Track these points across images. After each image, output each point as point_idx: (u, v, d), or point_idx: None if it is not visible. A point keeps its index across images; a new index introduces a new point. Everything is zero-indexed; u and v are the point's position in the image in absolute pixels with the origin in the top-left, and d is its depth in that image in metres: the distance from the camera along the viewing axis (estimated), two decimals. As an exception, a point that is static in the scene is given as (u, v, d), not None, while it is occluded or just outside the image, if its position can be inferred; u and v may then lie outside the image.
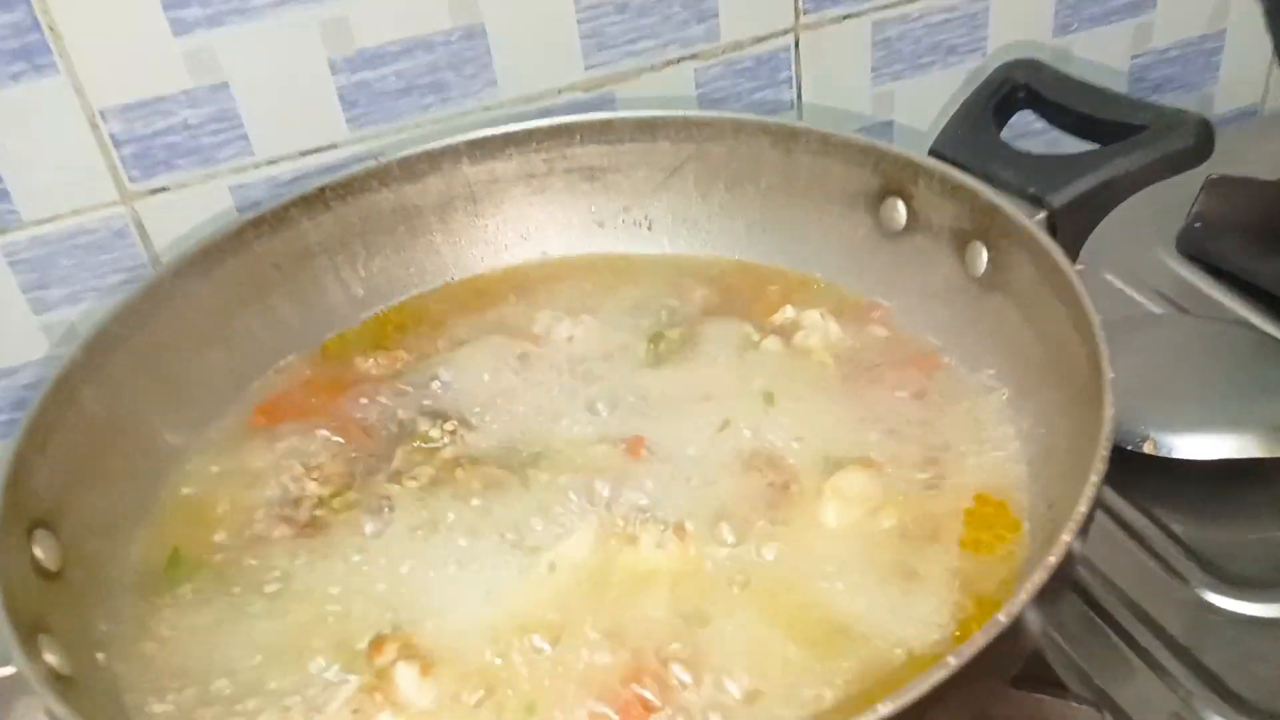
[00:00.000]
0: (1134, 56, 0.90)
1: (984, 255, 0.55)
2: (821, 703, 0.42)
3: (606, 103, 0.76)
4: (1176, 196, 0.77)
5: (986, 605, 0.45)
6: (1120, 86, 0.90)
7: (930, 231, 0.58)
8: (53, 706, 0.37)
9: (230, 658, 0.46)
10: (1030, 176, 0.55)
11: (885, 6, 0.82)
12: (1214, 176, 0.77)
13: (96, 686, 0.42)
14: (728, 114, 0.66)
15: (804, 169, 0.63)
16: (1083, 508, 0.38)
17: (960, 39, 0.85)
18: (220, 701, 0.45)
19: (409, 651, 0.44)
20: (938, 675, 0.35)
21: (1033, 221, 0.53)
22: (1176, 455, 0.58)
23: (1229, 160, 0.72)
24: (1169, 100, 0.87)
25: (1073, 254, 0.56)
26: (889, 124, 0.84)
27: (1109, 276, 0.73)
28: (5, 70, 0.61)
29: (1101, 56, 0.90)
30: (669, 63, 0.76)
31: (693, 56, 0.77)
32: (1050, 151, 0.60)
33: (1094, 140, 0.58)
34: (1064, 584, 0.39)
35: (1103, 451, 0.40)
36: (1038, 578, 0.37)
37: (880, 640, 0.44)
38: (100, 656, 0.45)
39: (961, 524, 0.49)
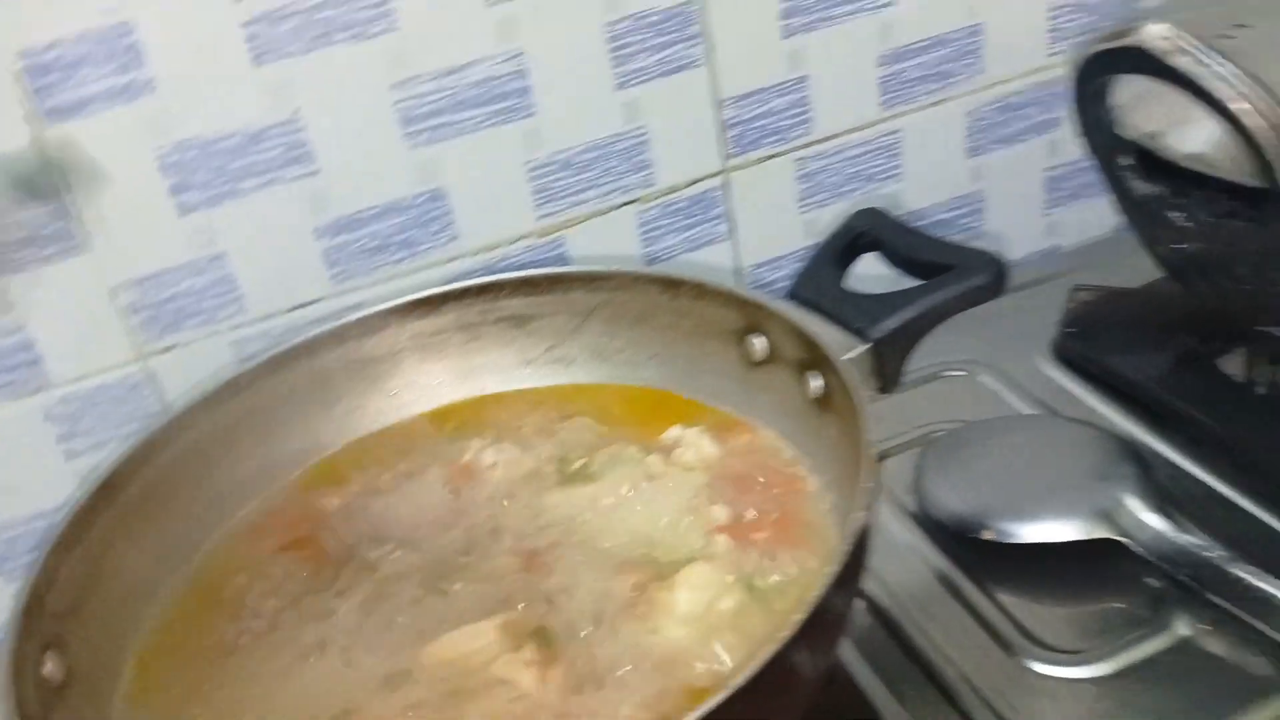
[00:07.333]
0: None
1: (818, 381, 0.70)
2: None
3: (558, 246, 0.93)
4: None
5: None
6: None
7: (783, 362, 0.73)
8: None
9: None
10: (856, 313, 0.69)
11: (804, 145, 0.98)
12: (1077, 285, 0.90)
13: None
14: (626, 267, 0.82)
15: (687, 311, 0.78)
16: (833, 567, 0.53)
17: (877, 168, 1.01)
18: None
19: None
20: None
21: (853, 352, 0.68)
22: (1011, 541, 0.72)
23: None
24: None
25: (896, 374, 0.70)
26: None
27: (984, 379, 0.87)
28: (40, 253, 0.77)
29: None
30: (612, 207, 0.92)
31: (633, 201, 0.93)
32: (893, 287, 0.74)
33: (918, 277, 0.72)
34: (832, 626, 0.51)
35: (850, 536, 0.55)
36: (800, 615, 0.51)
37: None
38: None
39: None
